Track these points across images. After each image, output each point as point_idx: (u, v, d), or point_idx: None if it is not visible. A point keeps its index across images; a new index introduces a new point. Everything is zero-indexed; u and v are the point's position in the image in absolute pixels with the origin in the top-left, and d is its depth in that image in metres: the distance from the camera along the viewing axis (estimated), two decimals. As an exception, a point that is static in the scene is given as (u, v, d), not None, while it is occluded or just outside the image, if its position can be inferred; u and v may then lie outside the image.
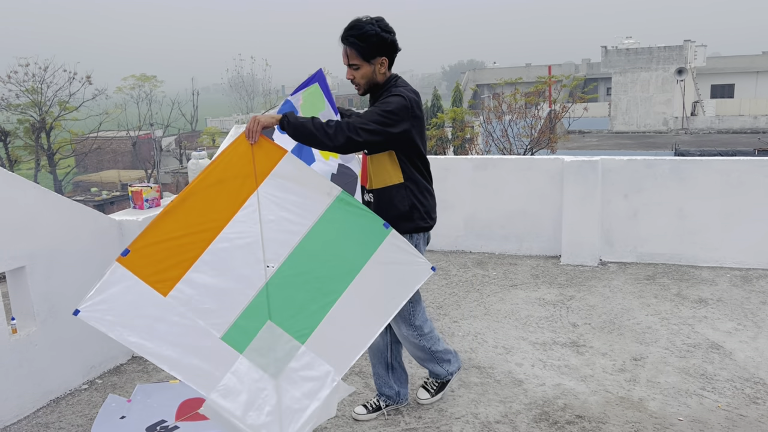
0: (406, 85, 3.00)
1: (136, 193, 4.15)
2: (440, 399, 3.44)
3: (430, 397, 3.43)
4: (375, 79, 2.95)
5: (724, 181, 5.28)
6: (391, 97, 2.87)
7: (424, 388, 3.47)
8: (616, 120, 36.43)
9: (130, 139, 38.60)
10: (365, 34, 2.84)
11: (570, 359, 3.88)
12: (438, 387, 3.45)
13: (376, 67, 2.92)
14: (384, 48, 2.90)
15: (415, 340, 3.20)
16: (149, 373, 3.92)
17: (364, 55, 2.89)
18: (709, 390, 3.46)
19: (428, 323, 3.23)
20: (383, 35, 2.87)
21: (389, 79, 2.99)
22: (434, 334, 3.26)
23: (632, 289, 5.01)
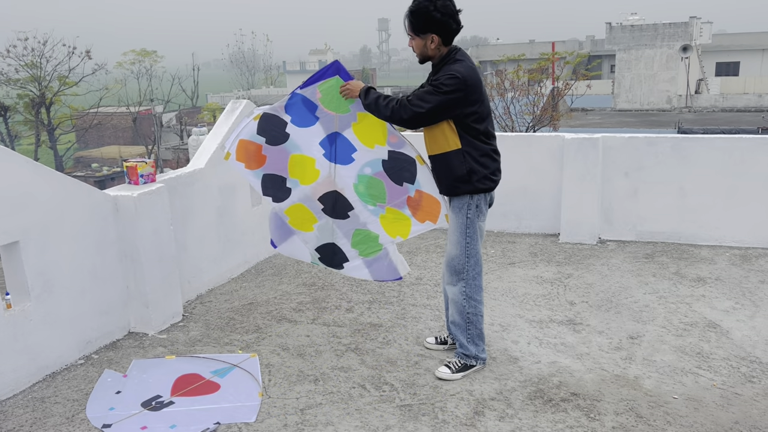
0: (463, 59, 3.16)
1: (131, 168, 4.11)
2: (460, 379, 3.43)
3: (450, 373, 3.43)
4: (426, 52, 3.19)
5: (726, 160, 5.22)
6: (444, 76, 3.08)
7: (446, 366, 3.48)
8: (620, 98, 36.14)
9: (131, 114, 38.42)
10: (418, 10, 3.10)
11: (566, 337, 3.88)
12: (461, 367, 3.46)
13: (426, 41, 3.15)
14: (432, 25, 3.10)
15: (462, 299, 3.39)
16: (145, 349, 3.93)
17: (414, 29, 3.16)
18: (704, 368, 3.46)
19: (480, 292, 3.43)
20: (432, 14, 3.08)
21: (447, 53, 3.18)
22: (481, 309, 3.44)
23: (630, 267, 4.99)
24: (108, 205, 3.92)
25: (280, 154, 3.57)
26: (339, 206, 3.61)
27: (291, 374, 3.55)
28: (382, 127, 3.43)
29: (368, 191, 3.54)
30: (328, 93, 3.41)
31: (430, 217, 3.52)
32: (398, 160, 3.45)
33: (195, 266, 4.67)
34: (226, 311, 4.46)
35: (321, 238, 3.72)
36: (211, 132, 5.06)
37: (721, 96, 36.38)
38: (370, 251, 3.68)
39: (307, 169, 3.58)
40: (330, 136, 3.49)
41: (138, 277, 4.04)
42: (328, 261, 3.77)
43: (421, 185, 3.46)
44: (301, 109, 3.47)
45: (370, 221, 3.60)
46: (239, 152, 3.58)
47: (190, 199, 4.58)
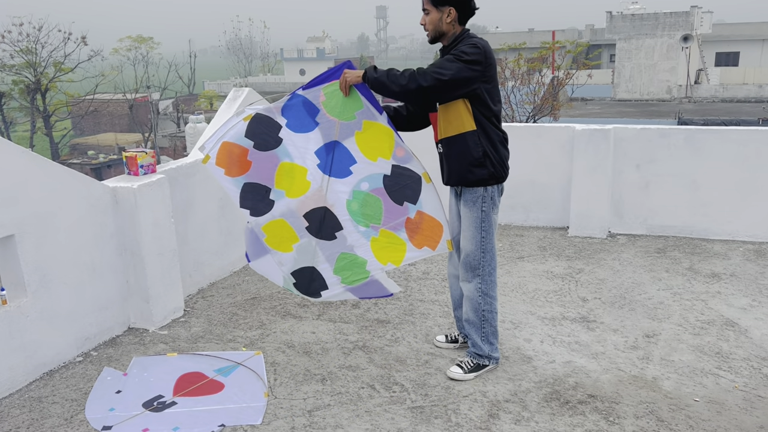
0: (477, 38, 3.07)
1: (131, 158, 3.97)
2: (472, 379, 3.31)
3: (463, 373, 3.32)
4: (441, 27, 3.08)
5: (741, 152, 5.10)
6: (464, 46, 2.99)
7: (458, 365, 3.36)
8: (620, 87, 35.95)
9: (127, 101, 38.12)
10: None
11: (580, 335, 3.76)
12: (473, 367, 3.34)
13: (443, 15, 3.05)
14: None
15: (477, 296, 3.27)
16: (146, 345, 3.80)
17: (434, 1, 3.04)
18: (725, 369, 3.35)
19: (495, 288, 3.32)
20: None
21: (460, 34, 3.09)
22: (496, 305, 3.34)
23: (642, 262, 4.87)
24: (107, 197, 3.78)
25: (268, 161, 3.22)
26: (326, 225, 3.26)
27: (297, 373, 3.43)
28: (388, 138, 3.12)
29: (362, 210, 3.21)
30: (332, 97, 3.12)
31: (429, 242, 3.19)
32: (402, 176, 3.14)
33: (196, 259, 4.54)
34: (228, 306, 4.33)
35: (299, 260, 3.35)
36: (212, 121, 4.91)
37: (720, 86, 36.23)
38: (355, 278, 3.31)
39: (297, 179, 3.23)
40: (328, 144, 3.17)
41: (138, 271, 3.91)
42: (305, 287, 3.40)
43: (423, 206, 3.15)
44: (300, 112, 3.17)
45: (358, 244, 3.25)
46: (221, 156, 3.22)
47: (191, 191, 4.44)
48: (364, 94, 3.12)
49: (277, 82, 54.37)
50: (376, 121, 3.11)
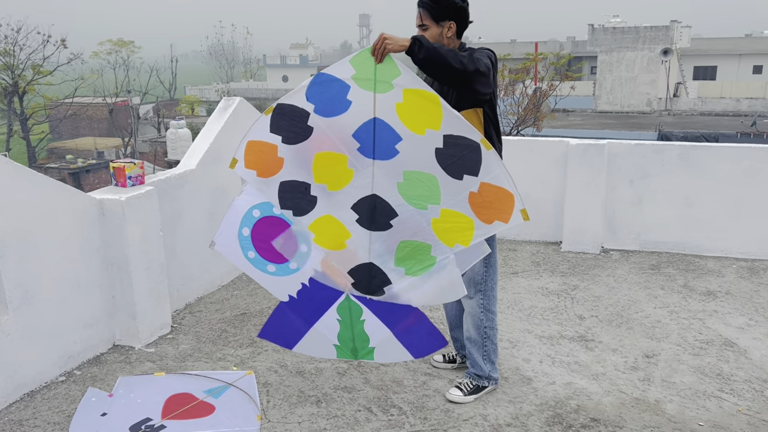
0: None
1: (119, 169, 3.83)
2: (473, 401, 3.22)
3: (463, 396, 3.22)
4: (441, 42, 2.93)
5: (734, 169, 5.10)
6: (478, 53, 2.84)
7: (457, 387, 3.26)
8: (601, 99, 36.34)
9: (107, 105, 37.64)
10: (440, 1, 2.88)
11: (579, 355, 3.70)
12: (473, 389, 3.25)
13: (444, 30, 2.93)
14: (453, 12, 2.92)
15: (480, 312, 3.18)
16: (132, 364, 3.65)
17: (434, 16, 2.91)
18: (727, 392, 3.30)
19: (496, 303, 3.24)
20: (455, 0, 2.90)
21: (458, 48, 2.97)
22: (496, 321, 3.26)
23: (637, 279, 4.83)
24: (93, 209, 3.63)
25: (302, 154, 2.87)
26: (379, 215, 2.88)
27: (291, 395, 3.31)
28: (434, 106, 2.67)
29: (417, 191, 2.81)
30: (363, 68, 2.69)
31: (500, 214, 2.76)
32: (457, 147, 2.70)
33: (184, 273, 4.40)
34: (217, 322, 4.20)
35: (355, 257, 2.99)
36: (202, 131, 4.78)
37: (699, 99, 36.80)
38: (421, 267, 2.90)
39: (337, 169, 2.86)
40: (367, 123, 2.74)
41: (125, 287, 3.76)
42: (364, 286, 3.02)
43: (486, 176, 2.71)
44: (327, 93, 2.75)
45: (419, 229, 2.85)
46: (249, 156, 2.90)
47: (179, 203, 4.31)
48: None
49: (259, 88, 54.14)
50: (417, 88, 2.69)
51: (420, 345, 3.08)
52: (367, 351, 3.16)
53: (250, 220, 3.06)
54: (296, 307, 3.14)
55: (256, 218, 3.06)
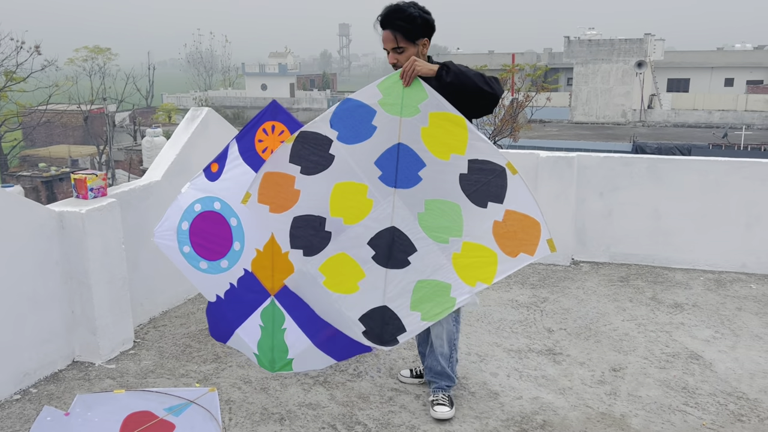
0: None
1: (80, 181, 3.74)
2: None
3: (450, 410, 3.17)
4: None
5: (701, 182, 5.15)
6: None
7: (439, 404, 3.18)
8: (577, 110, 36.80)
9: (82, 113, 37.20)
10: (410, 16, 2.84)
11: (547, 369, 3.68)
12: (449, 400, 3.22)
13: (419, 48, 2.90)
14: (427, 29, 2.91)
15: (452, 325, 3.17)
16: (91, 381, 3.56)
17: (411, 37, 2.87)
18: (692, 405, 3.31)
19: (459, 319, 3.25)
20: (426, 16, 2.89)
21: (428, 59, 2.94)
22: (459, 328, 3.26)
23: (606, 291, 4.85)
24: (52, 222, 3.54)
25: (320, 185, 2.74)
26: (396, 249, 2.73)
27: (254, 412, 3.25)
28: (460, 129, 2.60)
29: (438, 222, 2.69)
30: (390, 92, 2.64)
31: (525, 246, 2.63)
32: (482, 172, 2.61)
33: (148, 287, 4.31)
34: (181, 337, 4.12)
35: (368, 301, 2.79)
36: (168, 141, 4.71)
37: (672, 111, 37.45)
38: (438, 311, 2.73)
39: (356, 200, 2.73)
40: (390, 149, 2.66)
41: (85, 301, 3.67)
42: (377, 335, 2.81)
43: (512, 203, 2.62)
44: (352, 119, 2.69)
45: (439, 266, 2.70)
46: (264, 190, 2.75)
47: (144, 214, 4.22)
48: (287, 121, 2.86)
49: (237, 97, 53.91)
50: (444, 111, 2.61)
51: (343, 350, 3.02)
52: (285, 363, 3.06)
53: (191, 214, 3.05)
54: (222, 308, 3.11)
55: (196, 212, 3.05)
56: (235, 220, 3.04)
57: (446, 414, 3.15)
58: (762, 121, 34.61)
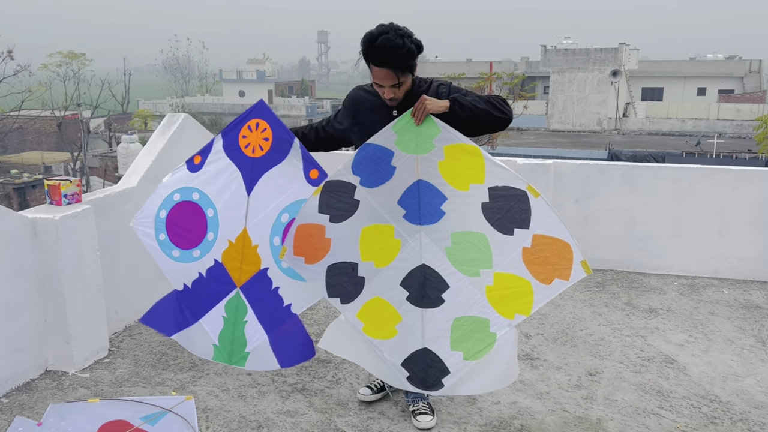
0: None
1: (53, 187, 3.69)
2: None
3: (433, 418, 3.16)
4: (409, 85, 2.81)
5: (675, 189, 5.24)
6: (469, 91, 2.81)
7: (421, 413, 3.15)
8: (553, 118, 37.28)
9: (56, 119, 36.68)
10: (409, 51, 2.67)
11: (525, 374, 3.71)
12: (430, 407, 3.20)
13: (413, 75, 2.80)
14: (419, 53, 2.74)
15: None
16: (65, 390, 3.50)
17: (410, 69, 2.74)
18: (666, 409, 3.35)
19: None
20: (418, 42, 2.72)
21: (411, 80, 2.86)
22: None
23: (582, 296, 4.90)
24: (25, 229, 3.49)
25: (348, 231, 2.78)
26: (429, 287, 2.73)
27: (231, 420, 3.22)
28: (477, 159, 2.62)
29: (467, 255, 2.68)
30: (404, 132, 2.66)
31: (559, 271, 2.60)
32: (504, 198, 2.60)
33: (123, 295, 4.25)
34: (157, 345, 4.07)
35: (408, 344, 2.79)
36: (144, 148, 4.66)
37: (647, 120, 38.11)
38: (480, 348, 2.71)
39: (384, 242, 2.75)
40: (411, 187, 2.69)
41: (58, 309, 3.61)
42: (420, 380, 2.81)
43: (539, 227, 2.59)
44: (372, 163, 2.71)
45: (474, 300, 2.69)
46: (298, 243, 2.80)
47: (119, 221, 4.16)
48: (274, 124, 2.94)
49: (215, 103, 53.62)
50: (457, 143, 2.64)
51: (290, 354, 3.08)
52: (241, 356, 3.11)
53: (170, 203, 3.16)
54: (187, 298, 3.19)
55: (175, 201, 3.15)
56: (212, 210, 3.11)
57: (429, 423, 3.13)
58: (733, 130, 35.38)
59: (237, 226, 3.05)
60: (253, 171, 3.00)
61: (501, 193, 2.61)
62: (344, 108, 3.04)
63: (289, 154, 2.97)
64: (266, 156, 2.99)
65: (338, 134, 3.06)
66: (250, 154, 3.01)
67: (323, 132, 3.10)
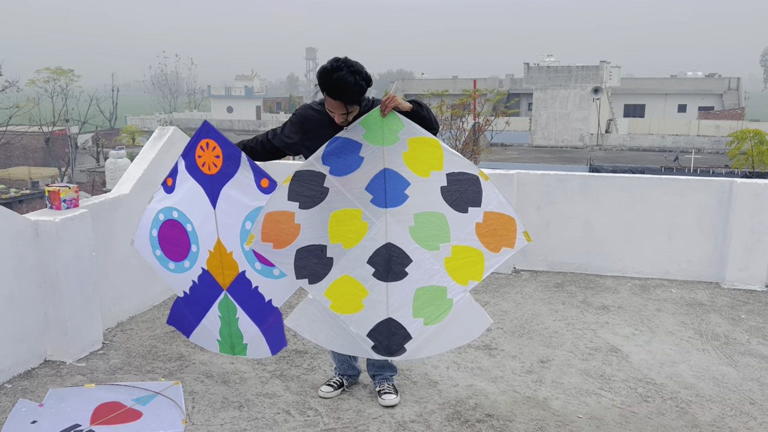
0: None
1: (54, 192, 4.05)
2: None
3: (397, 397, 3.54)
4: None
5: (628, 197, 5.68)
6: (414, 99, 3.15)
7: (386, 393, 3.53)
8: (536, 134, 37.88)
9: (43, 134, 36.78)
10: (359, 87, 2.95)
11: (482, 361, 4.09)
12: (394, 388, 3.59)
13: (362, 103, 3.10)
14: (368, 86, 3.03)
15: None
16: (63, 377, 3.84)
17: (359, 102, 3.04)
18: (606, 390, 3.75)
19: None
20: (368, 79, 2.99)
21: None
22: None
23: (542, 296, 5.31)
24: (28, 230, 3.84)
25: (318, 216, 3.06)
26: (394, 263, 3.07)
27: (215, 401, 3.57)
28: (435, 150, 2.99)
29: (428, 232, 3.04)
30: (371, 126, 2.99)
31: (506, 241, 3.03)
32: (459, 182, 3.00)
33: (116, 293, 4.60)
34: (148, 339, 4.41)
35: (373, 316, 3.11)
36: (136, 158, 5.03)
37: (628, 136, 38.83)
38: (438, 314, 3.08)
39: (353, 224, 3.06)
40: (378, 175, 3.02)
41: (57, 304, 3.96)
42: (385, 346, 3.14)
43: (489, 205, 3.00)
44: (341, 154, 3.02)
45: (434, 271, 3.07)
46: (267, 230, 3.03)
47: (113, 225, 4.53)
48: (220, 140, 3.19)
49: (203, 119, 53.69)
50: (419, 135, 3.01)
51: (277, 342, 3.40)
52: (241, 347, 3.51)
53: (158, 223, 3.55)
54: (188, 303, 3.60)
55: (161, 221, 3.54)
56: (190, 225, 3.47)
57: (393, 401, 3.52)
58: (712, 146, 36.17)
59: (212, 237, 3.40)
60: (213, 187, 3.32)
61: (457, 178, 3.01)
62: (292, 124, 3.28)
63: (240, 168, 3.21)
64: (220, 172, 3.24)
65: (285, 147, 3.31)
66: (207, 172, 3.31)
67: (269, 144, 3.32)
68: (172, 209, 3.49)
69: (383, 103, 3.01)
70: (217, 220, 3.34)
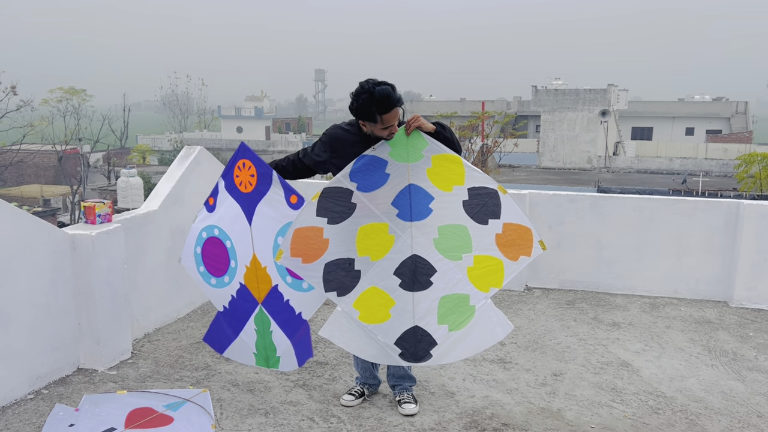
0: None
1: (89, 208, 4.26)
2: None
3: (416, 407, 3.68)
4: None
5: (637, 217, 5.84)
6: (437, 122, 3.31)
7: (406, 403, 3.68)
8: (544, 156, 38.10)
9: (56, 153, 37.31)
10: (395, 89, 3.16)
11: (497, 374, 4.24)
12: (413, 398, 3.73)
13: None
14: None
15: None
16: (95, 384, 4.01)
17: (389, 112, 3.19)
18: (618, 402, 3.88)
19: None
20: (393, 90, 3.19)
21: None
22: None
23: (554, 312, 5.45)
24: (66, 243, 4.04)
25: (346, 231, 3.21)
26: (420, 273, 3.24)
27: (242, 408, 3.73)
28: (457, 166, 3.19)
29: (451, 243, 3.22)
30: (397, 145, 3.17)
31: (523, 250, 3.22)
32: (480, 196, 3.18)
33: (144, 305, 4.79)
34: (174, 349, 4.58)
35: (399, 325, 3.27)
36: (164, 176, 5.25)
37: (636, 158, 38.99)
38: (462, 320, 3.25)
39: (380, 238, 3.22)
40: (403, 190, 3.20)
41: (91, 314, 4.14)
42: (412, 353, 3.28)
43: (507, 217, 3.20)
44: (368, 171, 3.18)
45: (457, 280, 3.23)
46: (296, 245, 3.17)
47: (142, 240, 4.73)
48: (255, 161, 3.39)
49: (213, 139, 54.45)
50: (443, 153, 3.19)
51: (302, 355, 3.55)
52: (275, 360, 3.66)
53: (201, 241, 3.75)
54: (227, 317, 3.78)
55: (204, 239, 3.74)
56: (229, 242, 3.65)
57: (413, 410, 3.67)
58: (720, 169, 36.26)
59: (248, 253, 3.59)
60: (249, 204, 3.52)
61: (477, 192, 3.21)
62: (322, 143, 3.44)
63: (272, 185, 3.40)
64: (255, 190, 3.44)
65: (315, 165, 3.47)
66: (244, 190, 3.53)
67: (300, 163, 3.50)
68: (214, 227, 3.69)
69: (407, 123, 3.19)
70: (253, 236, 3.53)
